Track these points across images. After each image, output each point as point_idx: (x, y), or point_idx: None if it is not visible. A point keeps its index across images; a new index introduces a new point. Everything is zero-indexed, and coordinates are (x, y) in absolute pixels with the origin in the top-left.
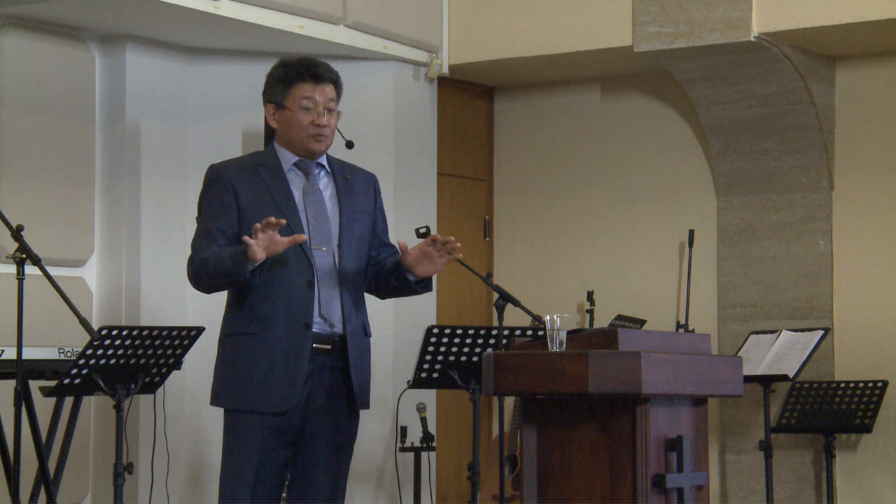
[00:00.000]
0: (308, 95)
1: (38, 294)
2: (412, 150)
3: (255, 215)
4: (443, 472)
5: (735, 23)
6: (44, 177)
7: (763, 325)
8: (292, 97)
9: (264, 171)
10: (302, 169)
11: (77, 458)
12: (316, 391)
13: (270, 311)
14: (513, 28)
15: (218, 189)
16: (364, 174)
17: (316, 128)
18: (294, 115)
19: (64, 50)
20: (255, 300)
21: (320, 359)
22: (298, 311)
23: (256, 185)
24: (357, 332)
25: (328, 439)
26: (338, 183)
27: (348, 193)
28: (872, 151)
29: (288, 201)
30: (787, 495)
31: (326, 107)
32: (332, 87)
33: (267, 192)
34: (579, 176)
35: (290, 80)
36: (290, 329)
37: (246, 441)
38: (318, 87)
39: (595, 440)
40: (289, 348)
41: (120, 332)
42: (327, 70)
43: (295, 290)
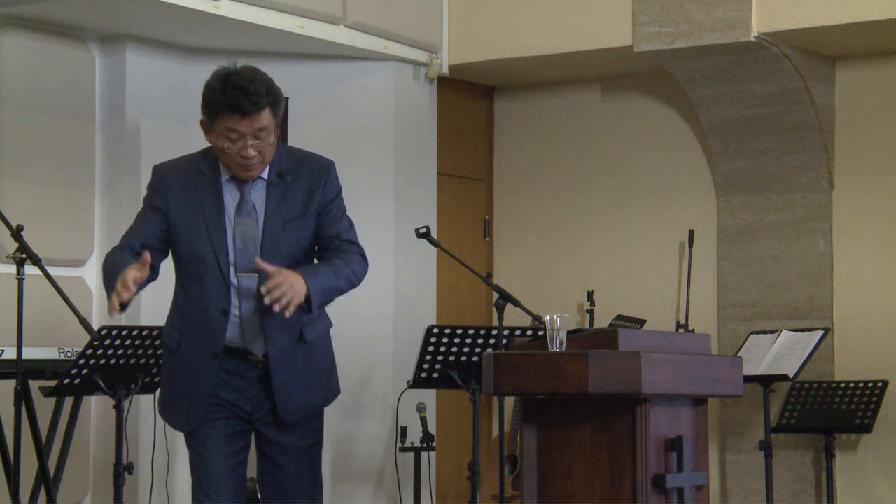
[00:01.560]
0: (233, 128)
1: (38, 294)
2: (412, 150)
3: (183, 231)
4: (443, 472)
5: (735, 23)
6: (44, 177)
7: (763, 325)
8: (218, 127)
9: (202, 180)
10: (235, 183)
11: (77, 458)
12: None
13: (186, 330)
14: (513, 28)
15: (153, 193)
16: (315, 167)
17: (242, 159)
18: (220, 143)
19: (64, 50)
20: (179, 315)
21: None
22: (208, 338)
23: (189, 194)
24: (285, 348)
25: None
26: (270, 192)
27: (279, 202)
28: (872, 151)
29: (217, 221)
30: (787, 495)
31: (255, 136)
32: (262, 115)
33: (198, 206)
34: (579, 176)
35: (214, 111)
36: (200, 354)
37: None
38: (244, 121)
39: (595, 440)
40: (195, 372)
41: (120, 332)
42: (255, 100)
43: (210, 314)
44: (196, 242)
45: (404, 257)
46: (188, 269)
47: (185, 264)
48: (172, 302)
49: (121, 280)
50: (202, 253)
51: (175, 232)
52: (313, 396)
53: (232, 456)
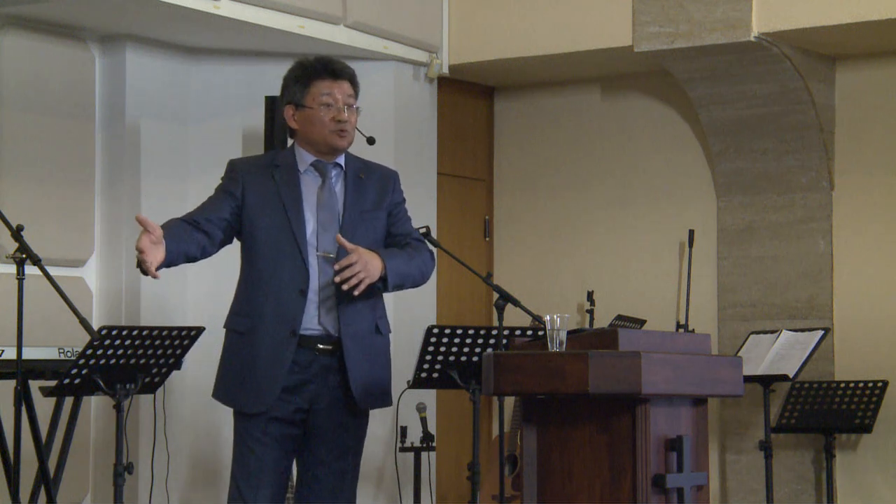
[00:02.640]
0: (327, 92)
1: (38, 294)
2: (412, 150)
3: (259, 215)
4: (443, 472)
5: (735, 23)
6: (44, 177)
7: (763, 325)
8: (311, 95)
9: (278, 171)
10: (319, 170)
11: (77, 458)
12: (321, 392)
13: (259, 313)
14: (513, 28)
15: (228, 180)
16: (383, 171)
17: (337, 123)
18: (315, 113)
19: (64, 50)
20: (249, 299)
21: (324, 360)
22: (285, 317)
23: (266, 185)
24: (359, 334)
25: (332, 440)
26: (348, 184)
27: (357, 193)
28: (872, 151)
29: (296, 205)
30: (787, 495)
31: (346, 103)
32: (349, 84)
33: (276, 194)
34: (579, 176)
35: (307, 78)
36: (276, 334)
37: (248, 440)
38: (337, 84)
39: (595, 440)
40: (271, 353)
41: (120, 332)
42: (344, 67)
43: (286, 295)
44: (274, 226)
45: None
46: (264, 253)
47: (260, 248)
48: (239, 290)
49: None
50: (281, 235)
51: (251, 217)
52: (380, 390)
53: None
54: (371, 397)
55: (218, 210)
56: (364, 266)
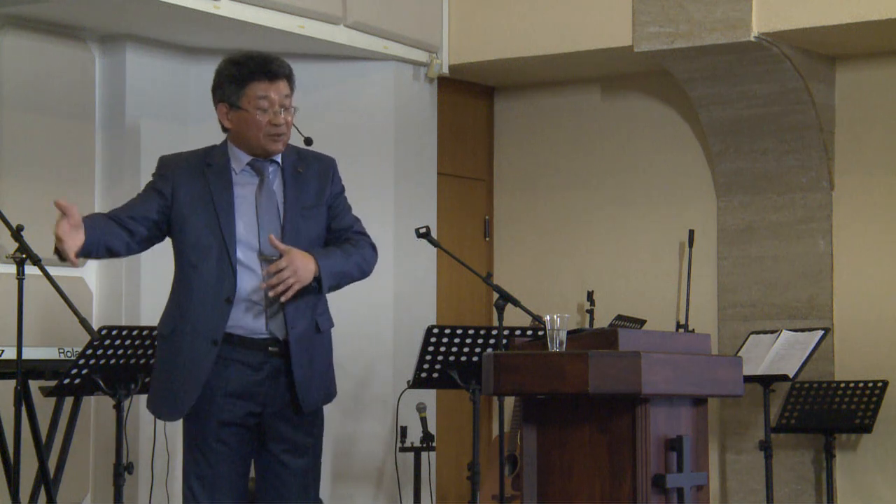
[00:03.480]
0: (263, 94)
1: (38, 294)
2: (412, 150)
3: (189, 216)
4: (443, 472)
5: (735, 23)
6: (44, 177)
7: (763, 325)
8: (247, 97)
9: (210, 171)
10: (256, 169)
11: (77, 458)
12: (273, 394)
13: (183, 318)
14: (513, 28)
15: (158, 179)
16: (320, 161)
17: (273, 127)
18: (250, 116)
19: (64, 50)
20: (176, 304)
21: (275, 362)
22: (208, 326)
23: (198, 185)
24: (303, 335)
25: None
26: (286, 181)
27: (296, 189)
28: (872, 151)
29: (228, 208)
30: (787, 495)
31: (282, 104)
32: (285, 83)
33: (208, 195)
34: (579, 176)
35: (243, 78)
36: (197, 341)
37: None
38: (273, 85)
39: (595, 440)
40: (190, 359)
41: (120, 332)
42: (281, 66)
43: (210, 302)
44: (204, 230)
45: (404, 257)
46: (192, 258)
47: (189, 252)
48: (171, 293)
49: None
50: (210, 240)
51: (179, 220)
52: (322, 389)
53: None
54: (314, 398)
55: (144, 209)
56: (294, 272)
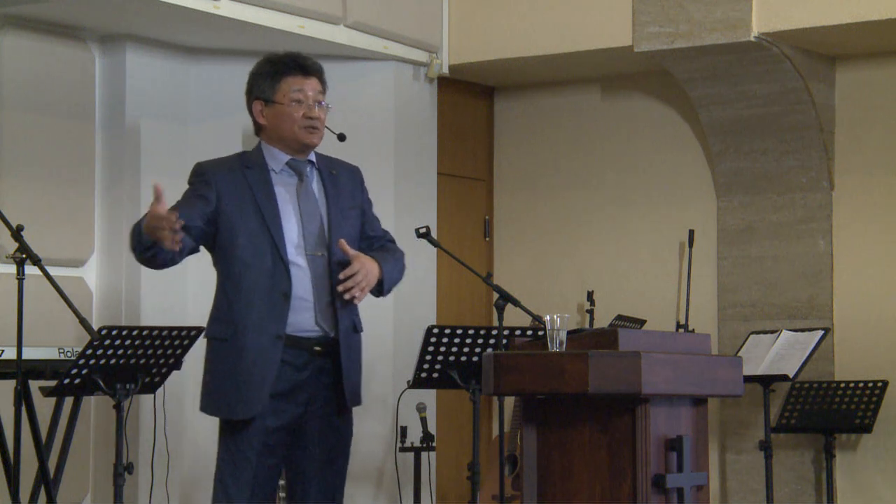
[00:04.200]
0: (298, 88)
1: (38, 294)
2: (412, 150)
3: (236, 219)
4: (443, 472)
5: (735, 23)
6: (44, 177)
7: (763, 325)
8: (282, 91)
9: (250, 173)
10: (295, 169)
11: (77, 458)
12: (315, 394)
13: (243, 318)
14: (513, 28)
15: (200, 185)
16: (348, 168)
17: (308, 120)
18: (285, 109)
19: (64, 50)
20: (231, 305)
21: (318, 362)
22: (270, 322)
23: (241, 188)
24: (347, 332)
25: (324, 440)
26: (325, 181)
27: (335, 191)
28: (872, 151)
29: (273, 207)
30: (787, 495)
31: (316, 99)
32: (318, 81)
33: (251, 197)
34: (579, 176)
35: (278, 74)
36: (262, 339)
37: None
38: (307, 80)
39: (595, 440)
40: (257, 357)
41: (120, 332)
42: (314, 63)
43: (269, 300)
44: (252, 230)
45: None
46: (244, 258)
47: (240, 253)
48: (218, 298)
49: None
50: (260, 239)
51: (227, 223)
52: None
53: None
54: (354, 396)
55: (191, 217)
56: (365, 275)
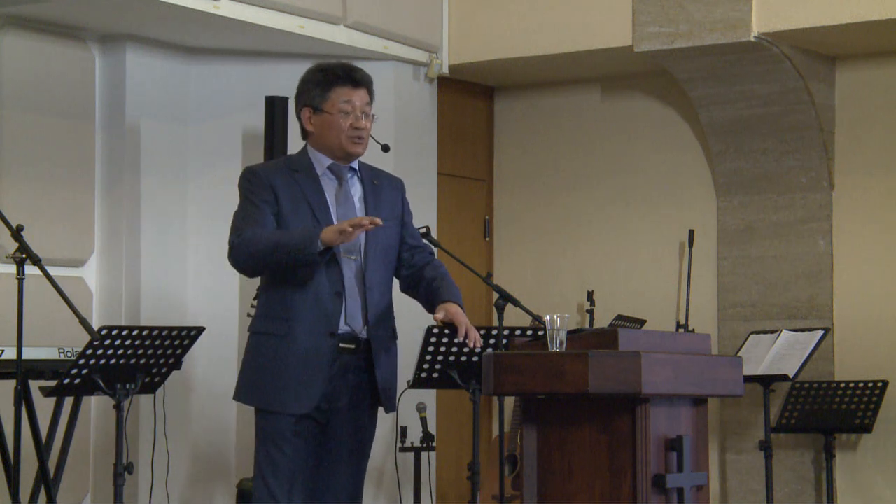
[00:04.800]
0: (347, 99)
1: (38, 294)
2: (412, 150)
3: (291, 219)
4: (443, 472)
5: (735, 23)
6: (44, 177)
7: (763, 325)
8: (331, 101)
9: (299, 175)
10: (335, 173)
11: (77, 458)
12: (341, 390)
13: (297, 314)
14: (513, 28)
15: (258, 188)
16: (391, 179)
17: (355, 130)
18: (333, 119)
19: (64, 50)
20: (284, 302)
21: (345, 359)
22: (325, 319)
23: (293, 189)
24: (382, 336)
25: (350, 438)
26: (366, 189)
27: (375, 200)
28: (872, 151)
29: (323, 206)
30: (787, 495)
31: (363, 111)
32: (367, 92)
33: (303, 197)
34: (579, 176)
35: (328, 83)
36: (316, 335)
37: (278, 439)
38: (357, 92)
39: (595, 440)
40: (312, 354)
41: (120, 332)
42: (364, 75)
43: (324, 297)
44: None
45: None
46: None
47: None
48: (268, 295)
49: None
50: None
51: (284, 223)
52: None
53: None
54: (389, 401)
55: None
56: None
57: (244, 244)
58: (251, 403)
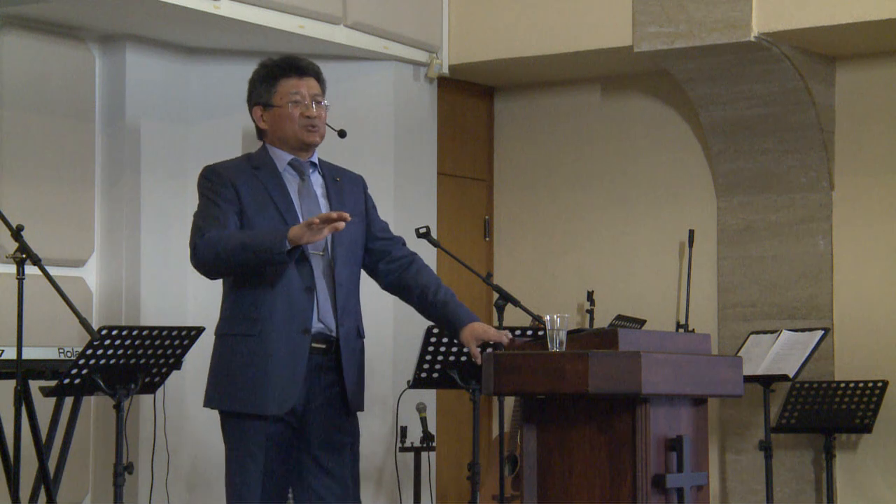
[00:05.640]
0: (295, 90)
1: (38, 294)
2: (412, 150)
3: (255, 217)
4: (443, 472)
5: (735, 23)
6: (44, 177)
7: (763, 325)
8: (279, 94)
9: (260, 172)
10: (296, 168)
11: (77, 458)
12: (314, 391)
13: (269, 313)
14: (513, 28)
15: (219, 187)
16: (351, 176)
17: (306, 119)
18: (284, 111)
19: (64, 50)
20: (254, 301)
21: (317, 359)
22: (298, 316)
23: (255, 187)
24: (350, 335)
25: (327, 439)
26: (328, 184)
27: (338, 196)
28: (872, 151)
29: (287, 203)
30: (787, 495)
31: (314, 99)
32: (315, 81)
33: (266, 194)
34: (579, 176)
35: (273, 77)
36: (290, 333)
37: (249, 443)
38: (303, 81)
39: (595, 440)
40: (287, 352)
41: (120, 332)
42: (309, 64)
43: (295, 293)
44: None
45: None
46: None
47: None
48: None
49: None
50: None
51: (248, 221)
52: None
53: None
54: (356, 400)
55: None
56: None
57: (208, 245)
58: (226, 408)
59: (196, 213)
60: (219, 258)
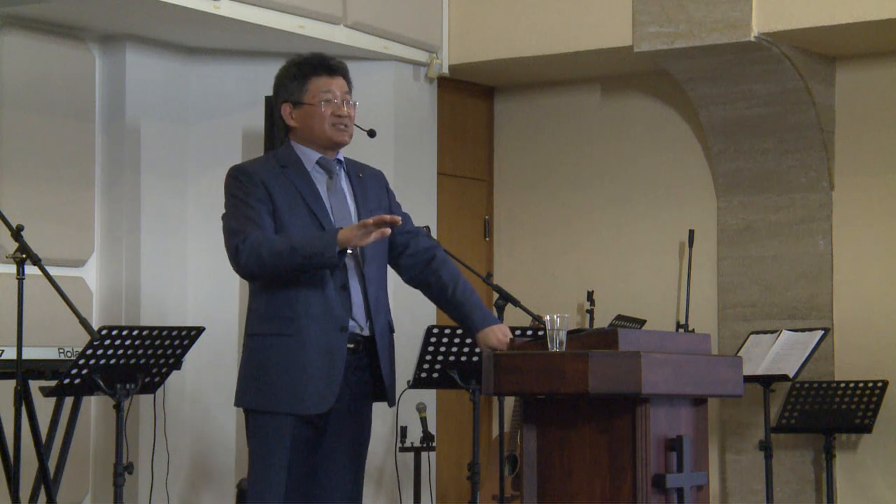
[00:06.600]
0: (326, 88)
1: (38, 294)
2: (412, 150)
3: (287, 216)
4: (443, 472)
5: (735, 23)
6: (44, 177)
7: (763, 325)
8: (310, 92)
9: (288, 171)
10: (324, 167)
11: (77, 458)
12: (342, 391)
13: (304, 311)
14: (513, 28)
15: (250, 187)
16: (373, 171)
17: (337, 118)
18: (315, 109)
19: (64, 50)
20: (288, 300)
21: (348, 358)
22: (334, 314)
23: (285, 185)
24: (383, 330)
25: (351, 439)
26: (353, 181)
27: (363, 193)
28: (872, 151)
29: (317, 200)
30: (787, 495)
31: (344, 98)
32: (344, 80)
33: (296, 193)
34: (579, 176)
35: (305, 75)
36: (327, 331)
37: (276, 443)
38: (334, 80)
39: (595, 440)
40: (325, 351)
41: (120, 332)
42: (339, 63)
43: (330, 292)
44: (304, 226)
45: None
46: None
47: None
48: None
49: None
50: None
51: (279, 221)
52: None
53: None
54: (392, 395)
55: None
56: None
57: (253, 248)
58: (261, 407)
59: (226, 215)
60: (265, 262)
